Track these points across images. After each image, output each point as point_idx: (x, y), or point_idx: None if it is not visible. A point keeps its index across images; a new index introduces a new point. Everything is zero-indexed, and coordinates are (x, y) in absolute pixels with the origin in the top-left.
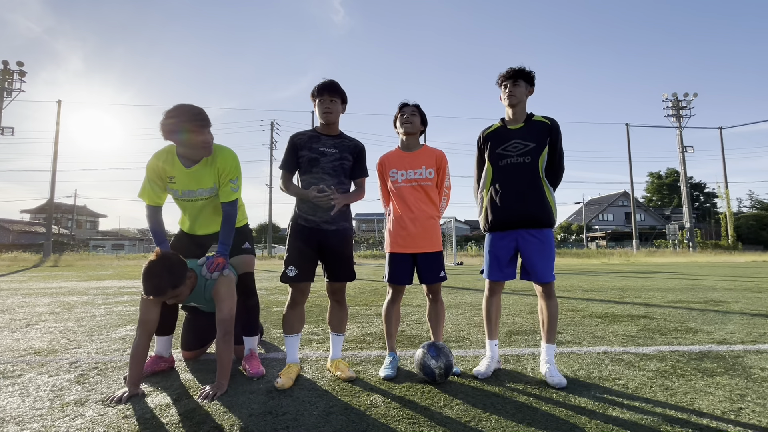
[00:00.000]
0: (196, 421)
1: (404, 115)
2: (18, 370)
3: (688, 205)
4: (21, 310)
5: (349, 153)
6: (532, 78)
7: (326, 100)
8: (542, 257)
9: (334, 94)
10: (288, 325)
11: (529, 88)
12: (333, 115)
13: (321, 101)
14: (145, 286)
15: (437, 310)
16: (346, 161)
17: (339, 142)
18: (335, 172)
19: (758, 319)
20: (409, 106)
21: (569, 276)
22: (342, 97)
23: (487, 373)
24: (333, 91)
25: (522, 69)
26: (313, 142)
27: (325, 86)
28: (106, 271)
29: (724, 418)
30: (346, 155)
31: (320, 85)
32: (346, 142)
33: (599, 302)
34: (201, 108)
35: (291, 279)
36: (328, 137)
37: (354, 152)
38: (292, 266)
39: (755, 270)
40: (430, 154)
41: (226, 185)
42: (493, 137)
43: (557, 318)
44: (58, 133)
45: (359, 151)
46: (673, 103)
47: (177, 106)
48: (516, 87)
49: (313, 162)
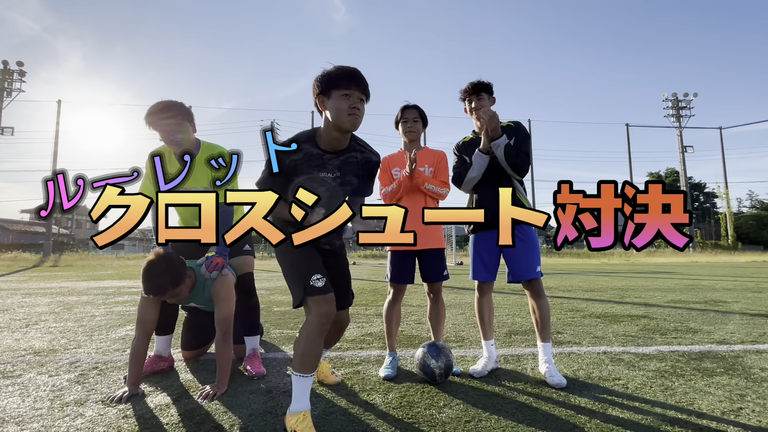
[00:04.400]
0: (196, 421)
1: (407, 122)
2: (18, 370)
3: (688, 205)
4: (21, 310)
5: (353, 175)
6: (490, 88)
7: (354, 97)
8: (522, 255)
9: (365, 91)
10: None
11: (491, 98)
12: (360, 119)
13: (346, 97)
14: (145, 285)
15: (438, 309)
16: (348, 186)
17: (345, 158)
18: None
19: (758, 319)
20: (411, 109)
21: (569, 276)
22: (368, 96)
23: (484, 372)
24: (364, 86)
25: (481, 82)
26: (314, 164)
27: (353, 74)
28: (106, 271)
29: (724, 418)
30: (349, 179)
31: (345, 72)
32: (353, 158)
33: (599, 302)
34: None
35: (318, 291)
36: (334, 155)
37: (362, 169)
38: (317, 274)
39: (755, 270)
40: (431, 154)
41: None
42: (469, 148)
43: (550, 316)
44: (58, 133)
45: (372, 166)
46: (673, 103)
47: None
48: (480, 101)
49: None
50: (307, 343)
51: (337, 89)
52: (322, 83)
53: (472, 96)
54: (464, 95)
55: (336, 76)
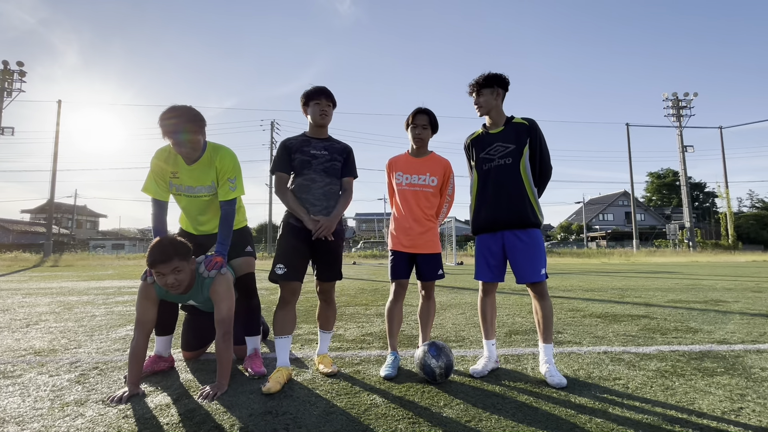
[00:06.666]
0: (196, 421)
1: (416, 128)
2: (18, 370)
3: (688, 204)
4: (21, 310)
5: (338, 155)
6: (497, 81)
7: (323, 103)
8: (526, 257)
9: (329, 99)
10: (278, 326)
11: (497, 91)
12: (328, 117)
13: (317, 104)
14: (152, 255)
15: (429, 307)
16: (337, 162)
17: (329, 144)
18: (326, 173)
19: (758, 318)
20: (422, 115)
21: (569, 276)
22: (334, 103)
23: (484, 372)
24: (329, 96)
25: (481, 79)
26: (304, 145)
27: (322, 91)
28: (106, 271)
29: (725, 417)
30: (336, 157)
31: (316, 90)
32: (336, 145)
33: (599, 302)
34: (197, 110)
35: (279, 277)
36: (318, 140)
37: (343, 154)
38: (280, 264)
39: (755, 270)
40: (436, 163)
41: (225, 184)
42: (477, 143)
43: (552, 318)
44: (58, 133)
45: (348, 152)
46: (673, 103)
47: (175, 106)
48: (480, 97)
49: (305, 164)
50: (276, 313)
51: (309, 99)
52: (303, 98)
53: (473, 93)
54: (469, 91)
55: (310, 92)
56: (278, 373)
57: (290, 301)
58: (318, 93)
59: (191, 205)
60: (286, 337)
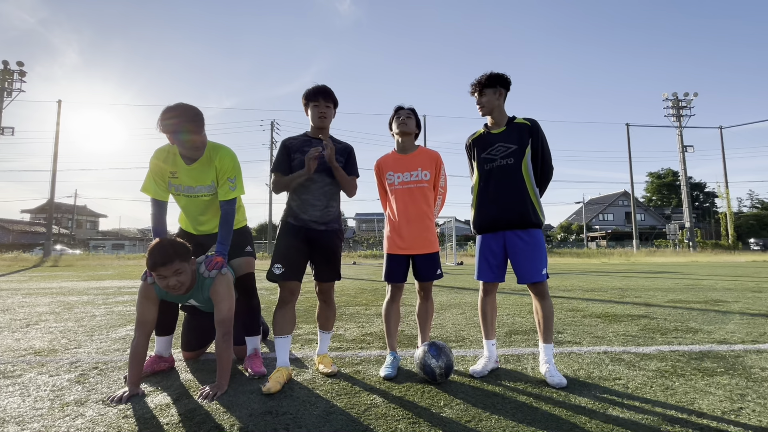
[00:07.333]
0: (196, 421)
1: (400, 117)
2: (18, 370)
3: (688, 204)
4: (21, 310)
5: (339, 155)
6: (500, 80)
7: (321, 105)
8: (527, 257)
9: (328, 100)
10: (278, 326)
11: (499, 90)
12: (328, 119)
13: (316, 105)
14: (152, 258)
15: (427, 307)
16: (338, 162)
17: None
18: (327, 173)
19: (758, 318)
20: (405, 109)
21: (569, 276)
22: (335, 102)
23: (484, 372)
24: (328, 96)
25: (484, 79)
26: (305, 145)
27: (321, 91)
28: (106, 271)
29: (725, 417)
30: (337, 157)
31: (315, 90)
32: (337, 145)
33: (599, 302)
34: (198, 108)
35: (276, 277)
36: (319, 141)
37: (344, 154)
38: (278, 264)
39: (755, 270)
40: (425, 156)
41: (224, 184)
42: (479, 143)
43: (553, 318)
44: (59, 133)
45: (349, 152)
46: (673, 103)
47: (176, 105)
48: (483, 97)
49: (305, 164)
50: (275, 313)
51: (309, 101)
52: (303, 98)
53: (475, 93)
54: (471, 92)
55: (309, 92)
56: (278, 373)
57: (289, 301)
58: (316, 94)
59: (191, 205)
60: (285, 337)
